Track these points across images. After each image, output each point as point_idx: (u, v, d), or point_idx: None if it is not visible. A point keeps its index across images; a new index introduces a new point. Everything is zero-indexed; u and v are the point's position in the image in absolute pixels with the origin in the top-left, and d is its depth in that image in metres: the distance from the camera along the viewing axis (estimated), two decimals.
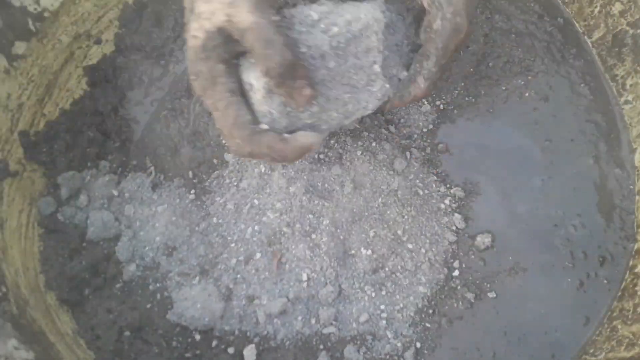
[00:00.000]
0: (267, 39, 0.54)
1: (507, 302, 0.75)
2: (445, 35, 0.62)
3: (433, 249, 0.77)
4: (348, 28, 0.62)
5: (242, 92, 0.60)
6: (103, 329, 0.71)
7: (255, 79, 0.60)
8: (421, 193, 0.79)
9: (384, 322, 0.73)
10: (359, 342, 0.72)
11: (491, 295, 0.75)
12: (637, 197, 0.81)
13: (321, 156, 0.78)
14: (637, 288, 0.75)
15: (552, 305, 0.75)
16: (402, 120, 0.84)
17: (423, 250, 0.76)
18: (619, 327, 0.73)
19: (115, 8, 0.89)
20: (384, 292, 0.74)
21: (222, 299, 0.73)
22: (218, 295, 0.73)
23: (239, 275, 0.74)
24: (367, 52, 0.63)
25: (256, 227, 0.76)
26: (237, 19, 0.54)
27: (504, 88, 0.86)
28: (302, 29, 0.61)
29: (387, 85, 0.66)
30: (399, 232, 0.76)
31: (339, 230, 0.75)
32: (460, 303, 0.75)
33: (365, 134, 0.81)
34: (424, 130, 0.84)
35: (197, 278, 0.74)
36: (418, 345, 0.72)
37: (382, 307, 0.73)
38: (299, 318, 0.72)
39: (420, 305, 0.74)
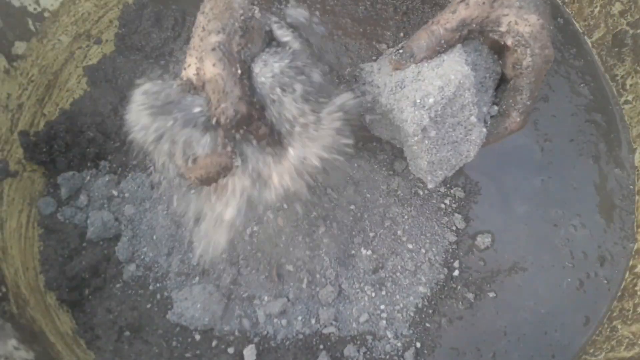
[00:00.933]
0: (224, 91, 0.52)
1: (507, 302, 0.75)
2: (537, 69, 0.62)
3: (433, 249, 0.77)
4: (442, 95, 0.61)
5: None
6: (103, 329, 0.71)
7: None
8: (421, 193, 0.79)
9: (384, 322, 0.73)
10: (359, 342, 0.72)
11: (491, 295, 0.75)
12: (637, 197, 0.81)
13: None
14: (637, 288, 0.75)
15: (552, 305, 0.75)
16: None
17: (423, 250, 0.76)
18: (619, 327, 0.73)
19: (115, 8, 0.89)
20: (384, 292, 0.74)
21: (222, 299, 0.73)
22: (218, 295, 0.73)
23: (239, 276, 0.74)
24: (462, 108, 0.63)
25: (255, 227, 0.76)
26: (202, 72, 0.53)
27: None
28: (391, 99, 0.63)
29: (484, 130, 0.65)
30: (399, 232, 0.76)
31: (339, 231, 0.75)
32: (460, 303, 0.75)
33: (366, 134, 0.81)
34: None
35: (197, 278, 0.74)
36: (418, 345, 0.72)
37: (382, 307, 0.73)
38: (299, 318, 0.72)
39: (420, 305, 0.74)
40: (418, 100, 0.61)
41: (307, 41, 0.59)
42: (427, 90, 0.61)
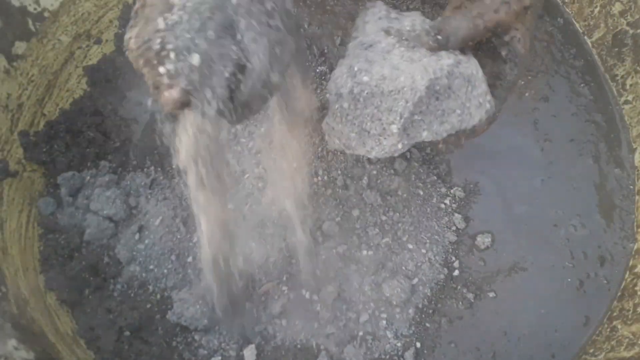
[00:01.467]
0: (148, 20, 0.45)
1: (507, 302, 0.75)
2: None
3: (433, 249, 0.77)
4: (378, 83, 0.56)
5: None
6: (103, 329, 0.71)
7: None
8: (421, 193, 0.79)
9: (384, 322, 0.73)
10: (359, 342, 0.72)
11: (491, 295, 0.75)
12: (637, 197, 0.81)
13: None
14: (637, 288, 0.75)
15: (552, 305, 0.75)
16: None
17: (423, 250, 0.76)
18: (619, 327, 0.73)
19: (115, 8, 0.89)
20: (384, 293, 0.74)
21: (222, 299, 0.72)
22: (218, 295, 0.72)
23: (238, 276, 0.74)
24: (389, 111, 0.58)
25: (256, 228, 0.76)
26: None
27: None
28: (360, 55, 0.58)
29: (400, 146, 0.60)
30: (399, 232, 0.76)
31: (339, 231, 0.75)
32: (460, 303, 0.75)
33: None
34: None
35: (198, 278, 0.74)
36: (418, 345, 0.72)
37: (382, 307, 0.73)
38: (299, 318, 0.72)
39: (420, 305, 0.74)
40: (355, 68, 0.57)
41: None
42: (372, 69, 0.56)
